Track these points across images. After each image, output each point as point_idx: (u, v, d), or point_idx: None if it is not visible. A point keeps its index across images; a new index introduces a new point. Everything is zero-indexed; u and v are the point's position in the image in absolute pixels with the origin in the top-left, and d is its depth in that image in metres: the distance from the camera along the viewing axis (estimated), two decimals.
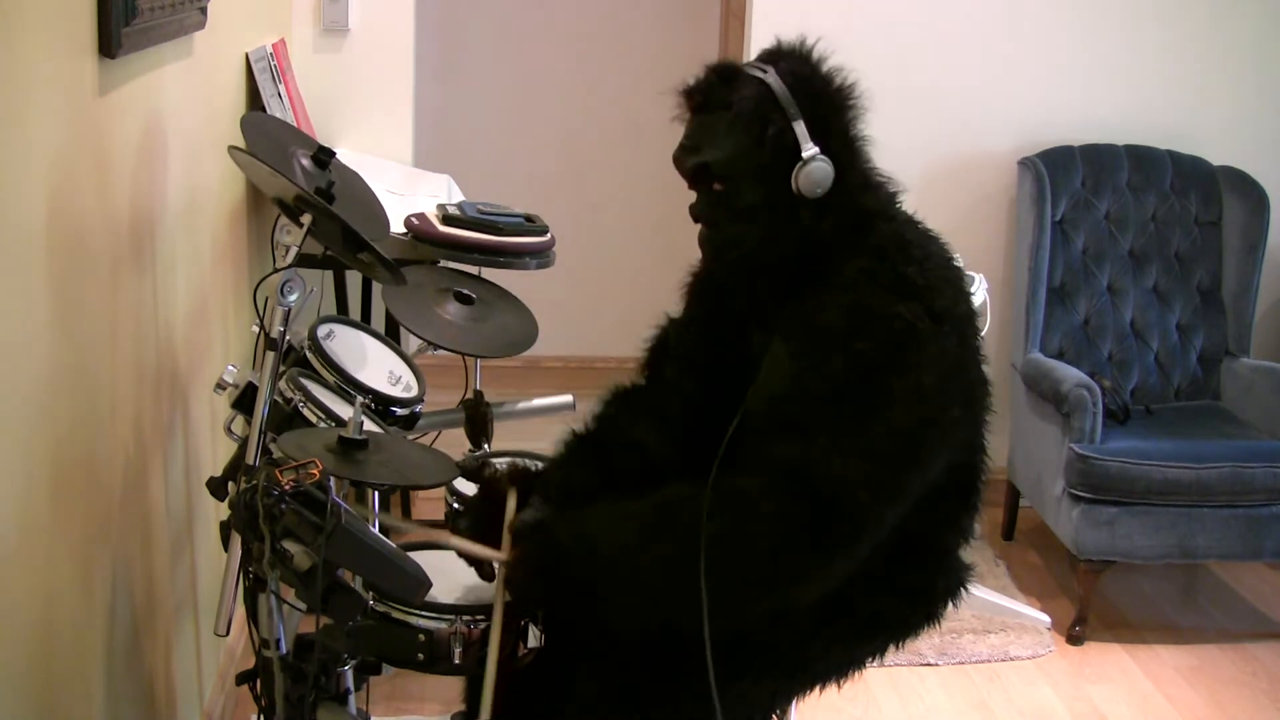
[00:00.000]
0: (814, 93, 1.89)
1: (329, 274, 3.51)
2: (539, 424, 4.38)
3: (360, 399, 2.01)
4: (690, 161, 1.92)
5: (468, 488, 2.47)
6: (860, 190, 1.92)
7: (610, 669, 1.92)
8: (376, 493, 2.55)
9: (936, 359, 1.82)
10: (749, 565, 1.81)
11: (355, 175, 2.53)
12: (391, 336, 2.69)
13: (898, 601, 1.99)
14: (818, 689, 2.06)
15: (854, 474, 1.77)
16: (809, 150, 1.85)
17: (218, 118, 2.79)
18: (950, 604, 2.05)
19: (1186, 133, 4.04)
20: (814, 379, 1.82)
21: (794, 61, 1.92)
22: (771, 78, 1.87)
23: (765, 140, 1.86)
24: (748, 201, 1.89)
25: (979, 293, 3.22)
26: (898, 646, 2.05)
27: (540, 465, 2.17)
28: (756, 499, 1.80)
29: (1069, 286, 3.85)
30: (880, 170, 1.98)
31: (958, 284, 1.93)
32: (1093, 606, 3.50)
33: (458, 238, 2.95)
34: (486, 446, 2.80)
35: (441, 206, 3.06)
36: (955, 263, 1.97)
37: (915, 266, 1.85)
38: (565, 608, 1.93)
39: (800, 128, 1.85)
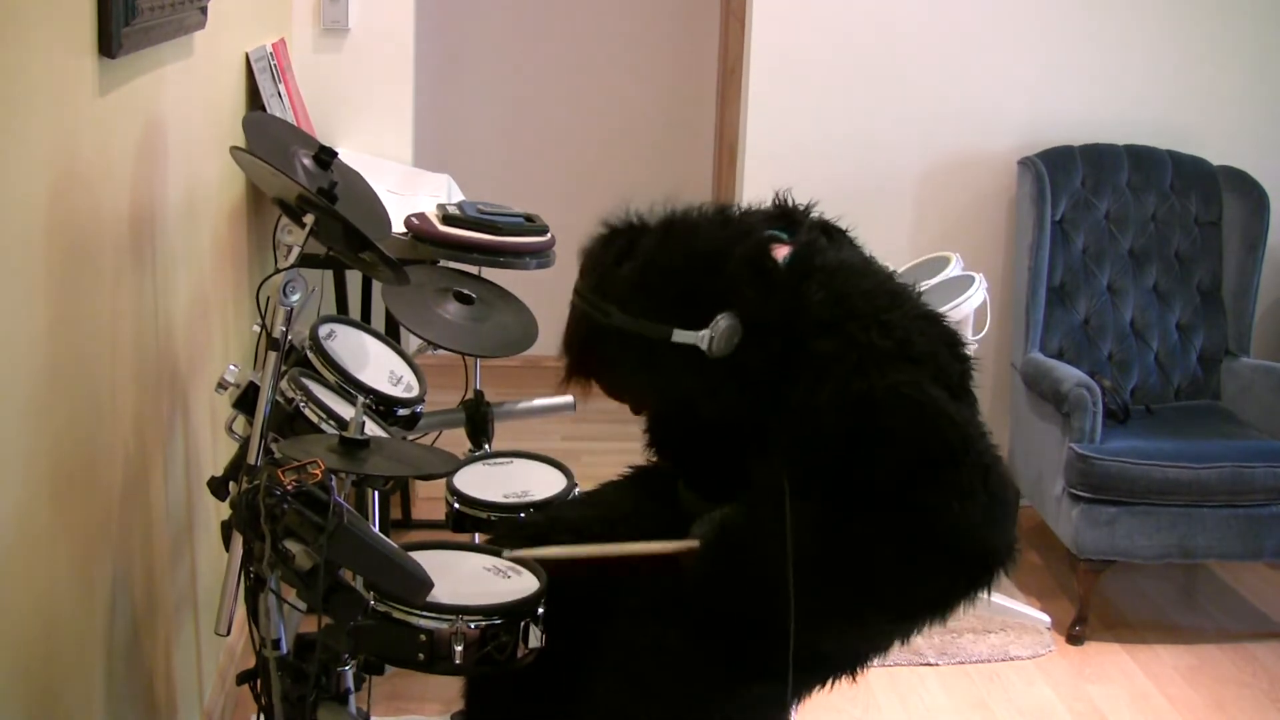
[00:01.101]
0: (660, 292, 1.85)
1: (329, 274, 3.51)
2: (539, 424, 4.40)
3: (362, 399, 2.01)
4: (624, 401, 2.01)
5: (468, 486, 2.47)
6: (768, 295, 1.85)
7: (622, 671, 1.92)
8: (376, 493, 2.55)
9: (946, 387, 1.82)
10: (906, 601, 1.84)
11: (356, 175, 2.53)
12: (391, 336, 2.69)
13: None
14: (817, 689, 2.06)
15: (983, 519, 1.79)
16: (703, 341, 1.82)
17: (218, 118, 2.79)
18: None
19: (1186, 133, 4.04)
20: (865, 455, 1.79)
21: (629, 272, 1.87)
22: (620, 319, 1.84)
23: (667, 372, 1.85)
24: (687, 396, 1.91)
25: (979, 293, 3.21)
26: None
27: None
28: (901, 550, 1.78)
29: (1069, 286, 3.85)
30: (760, 229, 1.91)
31: (917, 313, 1.89)
32: (1093, 606, 3.50)
33: (458, 238, 2.94)
34: (487, 446, 2.80)
35: (441, 206, 3.06)
36: (890, 278, 1.93)
37: (874, 329, 1.80)
38: (742, 608, 1.90)
39: (680, 334, 1.82)
